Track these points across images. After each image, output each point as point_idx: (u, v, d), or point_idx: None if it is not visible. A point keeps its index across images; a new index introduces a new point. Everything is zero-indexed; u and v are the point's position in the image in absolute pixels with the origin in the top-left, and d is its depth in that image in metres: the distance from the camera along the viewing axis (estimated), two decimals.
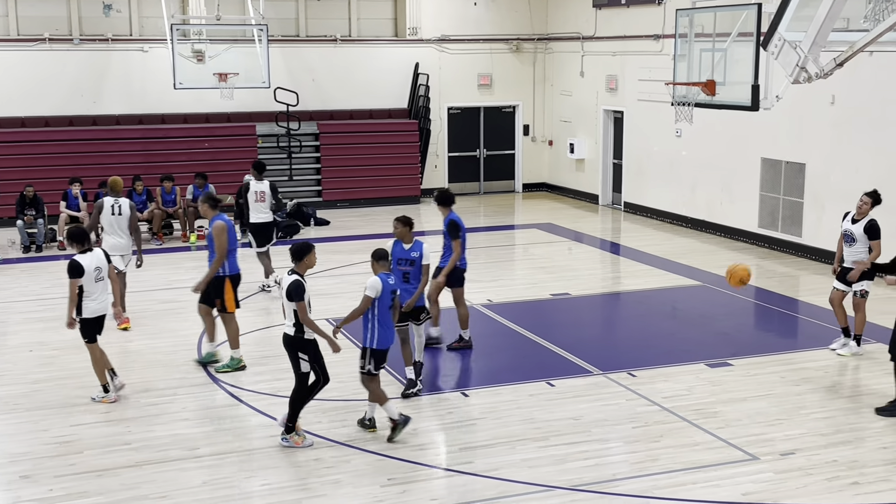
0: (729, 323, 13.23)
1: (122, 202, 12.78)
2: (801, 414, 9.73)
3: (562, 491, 8.11)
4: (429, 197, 23.85)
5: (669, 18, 19.11)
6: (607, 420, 9.65)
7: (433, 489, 8.26)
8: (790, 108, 15.37)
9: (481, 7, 24.10)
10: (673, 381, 10.72)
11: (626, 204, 22.12)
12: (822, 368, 11.09)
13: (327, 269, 16.44)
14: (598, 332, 13.60)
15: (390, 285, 9.08)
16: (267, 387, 10.59)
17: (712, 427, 9.39)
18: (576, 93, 23.68)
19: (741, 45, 11.72)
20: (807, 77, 8.91)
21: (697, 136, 18.98)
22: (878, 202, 11.51)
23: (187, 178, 19.50)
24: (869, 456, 8.72)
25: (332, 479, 8.38)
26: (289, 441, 9.00)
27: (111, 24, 21.75)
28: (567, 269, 16.50)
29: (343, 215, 21.62)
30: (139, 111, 21.80)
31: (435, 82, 23.72)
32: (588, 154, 23.37)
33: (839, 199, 16.05)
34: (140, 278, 15.15)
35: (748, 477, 8.32)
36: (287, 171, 22.28)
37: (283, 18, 22.80)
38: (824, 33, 8.51)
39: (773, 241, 17.59)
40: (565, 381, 10.72)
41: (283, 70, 22.21)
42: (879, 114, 15.13)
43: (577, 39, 23.22)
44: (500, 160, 25.13)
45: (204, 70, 19.93)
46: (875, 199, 11.44)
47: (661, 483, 8.23)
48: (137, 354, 11.81)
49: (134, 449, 9.01)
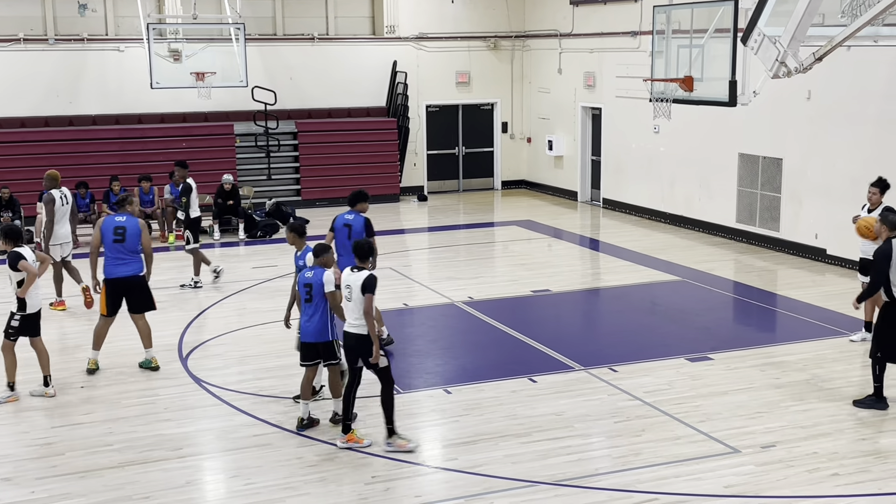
0: (708, 317, 13.32)
1: (65, 192, 13.74)
2: (781, 407, 9.82)
3: (545, 486, 8.15)
4: (408, 195, 23.87)
5: (647, 15, 19.18)
6: (589, 415, 9.70)
7: (417, 486, 8.28)
8: (767, 103, 15.48)
9: (459, 5, 24.12)
10: (654, 375, 10.78)
11: (604, 200, 22.20)
12: (801, 361, 11.18)
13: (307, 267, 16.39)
14: (579, 328, 13.66)
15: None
16: (250, 386, 10.57)
17: (693, 421, 9.46)
18: (554, 90, 23.74)
19: (718, 42, 11.82)
20: (786, 71, 9.00)
21: (675, 132, 19.08)
22: (887, 187, 11.46)
23: (165, 178, 19.40)
24: (848, 448, 8.81)
25: (317, 477, 8.38)
26: (393, 445, 8.84)
27: (86, 23, 21.61)
28: (547, 266, 16.55)
29: (322, 214, 21.53)
30: (116, 111, 21.67)
31: (413, 80, 23.72)
32: (566, 151, 23.44)
33: (816, 194, 16.21)
34: None
35: (730, 470, 8.38)
36: (265, 170, 22.22)
37: (260, 17, 22.73)
38: (803, 28, 8.60)
39: (751, 235, 17.72)
40: (547, 378, 10.77)
41: (260, 69, 22.15)
42: (855, 109, 15.26)
43: (555, 37, 23.29)
44: (478, 158, 25.17)
45: (181, 69, 19.86)
46: (882, 186, 11.44)
47: (643, 477, 8.28)
48: (119, 355, 11.74)
49: (116, 450, 8.97)
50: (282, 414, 9.75)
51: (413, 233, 20.23)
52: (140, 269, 11.13)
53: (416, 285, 14.91)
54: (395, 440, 8.87)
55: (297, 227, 10.05)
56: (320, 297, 9.05)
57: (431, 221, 21.16)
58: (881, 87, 14.78)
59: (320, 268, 9.15)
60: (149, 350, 11.24)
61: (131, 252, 11.01)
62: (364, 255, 8.92)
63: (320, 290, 9.03)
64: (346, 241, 11.15)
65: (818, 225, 16.19)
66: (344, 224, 11.34)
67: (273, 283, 15.27)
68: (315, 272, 9.12)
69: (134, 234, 10.98)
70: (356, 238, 10.83)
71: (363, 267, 8.89)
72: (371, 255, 9.09)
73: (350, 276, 8.84)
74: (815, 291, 14.32)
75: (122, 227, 10.99)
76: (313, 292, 9.05)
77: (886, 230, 9.53)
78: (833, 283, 14.87)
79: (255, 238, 18.97)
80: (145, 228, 11.14)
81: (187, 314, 13.48)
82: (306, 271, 9.23)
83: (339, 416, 9.29)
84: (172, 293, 14.70)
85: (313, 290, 9.05)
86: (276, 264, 16.59)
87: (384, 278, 14.04)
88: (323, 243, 9.39)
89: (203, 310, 13.84)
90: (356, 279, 8.78)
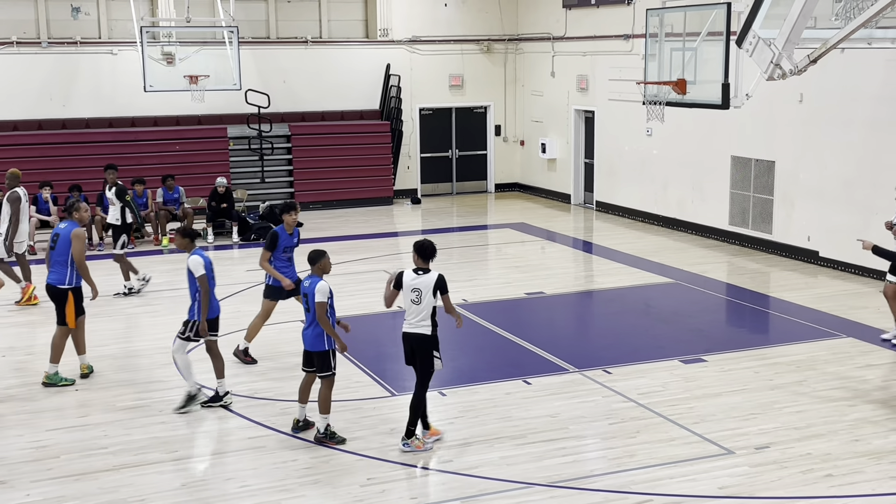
0: (702, 319, 13.35)
1: (25, 191, 14.44)
2: (775, 408, 9.85)
3: (540, 488, 8.17)
4: (402, 198, 23.89)
5: (639, 18, 19.27)
6: (584, 417, 9.72)
7: (413, 488, 8.29)
8: (760, 106, 15.54)
9: (452, 8, 24.16)
10: (648, 377, 10.81)
11: (598, 203, 22.25)
12: (795, 363, 11.22)
13: (301, 270, 16.38)
14: (573, 330, 13.68)
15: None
16: (245, 388, 10.57)
17: (687, 422, 9.49)
18: (547, 93, 23.79)
19: (711, 45, 11.84)
20: (781, 74, 9.04)
21: (668, 135, 19.13)
22: None
23: (158, 181, 19.41)
24: (842, 449, 8.84)
25: (312, 479, 8.38)
26: (410, 446, 8.89)
27: (80, 26, 21.59)
28: (541, 268, 16.58)
29: (316, 217, 21.58)
30: (109, 114, 21.66)
31: (406, 83, 23.74)
32: (560, 154, 23.48)
33: (808, 197, 16.26)
34: (113, 281, 15.08)
35: (724, 471, 8.41)
36: (259, 173, 22.21)
37: (253, 20, 22.74)
38: (798, 31, 8.64)
39: (744, 238, 17.78)
40: (542, 380, 10.79)
41: (253, 72, 22.14)
42: (847, 112, 15.33)
43: (548, 40, 23.34)
44: (472, 160, 25.19)
45: (174, 72, 19.86)
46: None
47: (638, 478, 8.30)
48: (112, 358, 11.74)
49: (111, 453, 8.96)
50: (276, 416, 9.75)
51: (406, 235, 20.23)
52: (59, 279, 10.65)
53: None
54: (413, 441, 8.91)
55: (183, 231, 10.22)
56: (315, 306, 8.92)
57: (425, 224, 21.17)
58: (873, 90, 14.84)
59: (317, 276, 9.03)
60: (52, 365, 10.74)
61: (58, 260, 10.67)
62: (428, 255, 8.89)
63: (313, 300, 8.90)
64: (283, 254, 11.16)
65: (810, 227, 16.25)
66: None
67: None
68: (311, 281, 8.98)
69: (64, 242, 10.66)
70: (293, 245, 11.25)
71: (426, 268, 8.87)
72: (434, 255, 8.97)
73: (417, 279, 8.81)
74: (808, 293, 14.37)
75: (58, 234, 10.78)
76: (310, 302, 8.95)
77: None
78: (825, 286, 14.93)
79: (248, 241, 18.96)
80: (77, 238, 10.64)
81: (181, 317, 13.41)
82: (306, 279, 9.10)
83: (301, 423, 9.27)
84: (167, 296, 14.70)
85: (309, 300, 8.94)
86: None
87: (378, 281, 14.09)
88: (318, 249, 9.30)
89: None
90: (426, 281, 8.77)
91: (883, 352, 11.58)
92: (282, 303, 11.52)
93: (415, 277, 8.82)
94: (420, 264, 8.88)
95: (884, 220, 12.68)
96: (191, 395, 9.97)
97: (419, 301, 8.77)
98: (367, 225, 20.82)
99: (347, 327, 9.34)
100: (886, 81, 14.61)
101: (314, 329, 8.97)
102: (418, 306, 8.78)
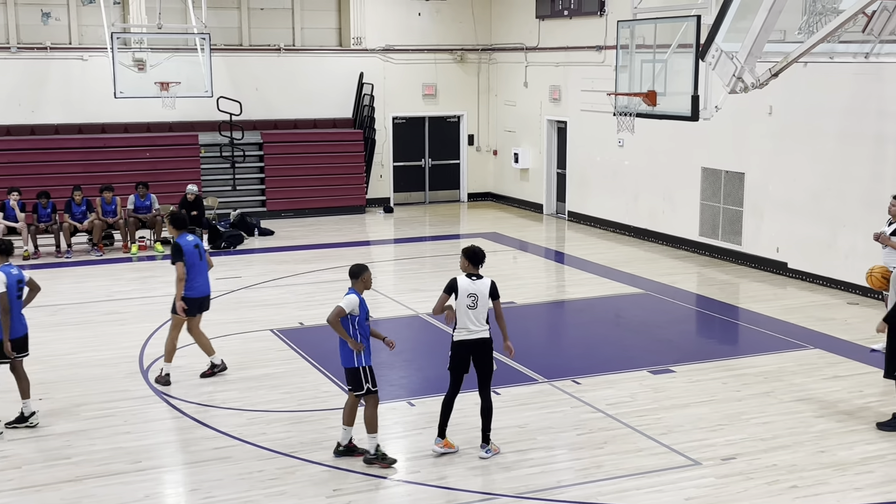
0: (671, 330, 13.40)
1: None
2: (742, 419, 9.89)
3: (508, 499, 8.15)
4: (374, 207, 23.84)
5: (612, 30, 19.34)
6: (552, 427, 9.72)
7: (380, 500, 8.24)
8: (729, 118, 15.65)
9: (426, 17, 24.18)
10: (616, 388, 10.82)
11: (569, 213, 22.31)
12: (762, 374, 11.27)
13: (272, 279, 16.33)
14: (543, 340, 13.68)
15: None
16: (211, 398, 10.49)
17: (655, 433, 9.50)
18: (520, 103, 23.84)
19: (681, 57, 11.90)
20: (743, 87, 9.10)
21: (639, 146, 19.22)
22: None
23: (128, 188, 19.26)
24: (807, 460, 8.88)
25: (277, 490, 8.31)
26: (491, 451, 8.98)
27: (50, 32, 21.42)
28: (512, 278, 16.58)
29: (287, 225, 21.51)
30: (79, 120, 21.47)
31: (379, 92, 23.72)
32: (532, 164, 23.54)
33: (777, 209, 16.38)
34: (82, 289, 14.96)
35: (691, 482, 8.43)
36: (230, 180, 22.10)
37: (225, 27, 22.65)
38: (760, 44, 8.70)
39: (714, 249, 17.87)
40: (511, 390, 10.77)
41: (226, 79, 22.05)
42: (816, 124, 15.46)
43: (521, 50, 23.40)
44: (445, 170, 25.20)
45: (145, 79, 19.69)
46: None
47: (605, 489, 8.30)
48: (77, 366, 11.62)
49: (74, 463, 8.86)
50: (243, 427, 9.68)
51: (379, 244, 20.21)
52: None
53: (380, 297, 14.86)
54: (492, 445, 9.02)
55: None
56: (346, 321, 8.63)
57: (397, 233, 21.14)
58: (841, 104, 14.98)
59: (355, 291, 8.69)
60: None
61: None
62: (479, 260, 8.93)
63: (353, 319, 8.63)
64: (197, 262, 10.87)
65: (779, 239, 16.36)
66: (195, 246, 10.96)
67: (237, 295, 15.17)
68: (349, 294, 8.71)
69: None
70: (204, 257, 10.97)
71: (478, 274, 8.90)
72: (484, 260, 9.01)
73: (472, 284, 8.81)
74: (777, 305, 14.46)
75: None
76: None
77: None
78: (794, 297, 15.03)
79: (219, 249, 18.85)
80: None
81: (149, 326, 13.35)
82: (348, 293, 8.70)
83: (342, 448, 8.90)
84: (136, 304, 14.57)
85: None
86: (240, 276, 16.49)
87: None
88: (360, 263, 8.91)
89: (165, 321, 13.69)
90: (482, 286, 8.81)
91: (850, 363, 11.66)
92: (248, 313, 11.44)
93: (470, 283, 8.82)
94: (472, 270, 8.92)
95: (865, 229, 12.61)
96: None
97: (475, 306, 8.80)
98: (339, 233, 20.76)
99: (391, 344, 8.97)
100: (854, 95, 14.76)
101: (344, 345, 8.67)
102: (475, 311, 8.79)
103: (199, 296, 11.02)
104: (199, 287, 10.96)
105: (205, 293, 11.09)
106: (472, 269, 8.92)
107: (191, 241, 10.92)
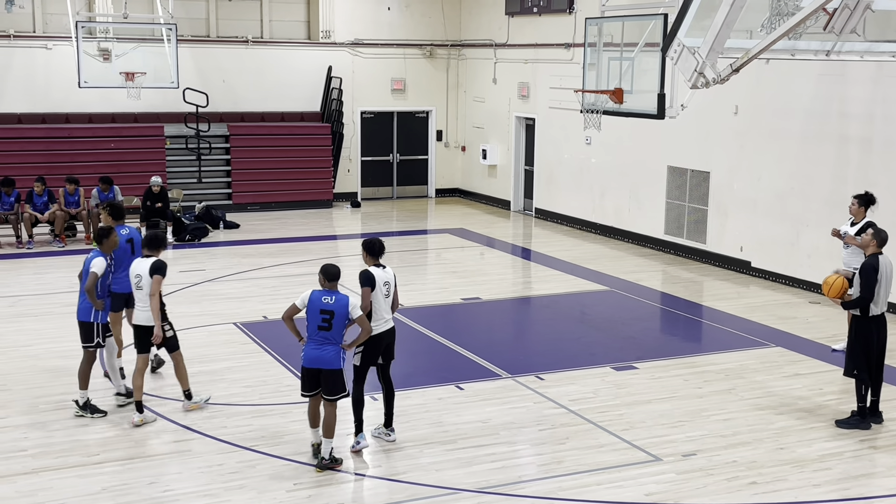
0: (635, 327, 13.45)
1: None
2: (703, 416, 9.95)
3: (468, 493, 8.14)
4: (342, 201, 23.75)
5: (580, 27, 19.38)
6: (515, 423, 9.72)
7: (340, 494, 8.20)
8: (695, 117, 15.74)
9: (395, 12, 24.11)
10: (579, 384, 10.85)
11: (537, 210, 22.34)
12: (724, 371, 11.35)
13: (237, 272, 16.22)
14: (508, 335, 13.69)
15: None
16: (171, 391, 10.38)
17: (617, 429, 9.53)
18: (489, 99, 23.84)
19: (648, 55, 11.95)
20: (704, 82, 9.11)
21: (607, 144, 19.29)
22: (870, 202, 11.50)
23: (92, 179, 19.04)
24: (767, 456, 8.95)
25: (237, 483, 8.25)
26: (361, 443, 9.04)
27: (13, 20, 21.11)
28: (478, 274, 16.59)
29: (253, 219, 21.38)
30: (42, 110, 21.20)
31: (348, 86, 23.64)
32: (500, 160, 23.55)
33: (742, 208, 16.50)
34: (42, 280, 14.77)
35: (651, 478, 8.46)
36: (196, 173, 21.91)
37: (192, 18, 22.45)
38: (721, 39, 8.72)
39: (679, 247, 17.97)
40: (474, 385, 10.77)
41: (192, 70, 21.87)
42: (780, 124, 15.58)
43: (490, 46, 23.40)
44: (413, 165, 25.15)
45: (110, 69, 19.49)
46: (862, 201, 11.49)
47: (566, 485, 8.31)
48: (37, 358, 11.47)
49: (31, 455, 8.74)
50: (203, 420, 9.60)
51: (345, 239, 20.12)
52: None
53: (346, 292, 14.75)
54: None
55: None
56: (341, 325, 8.37)
57: (364, 228, 21.07)
58: (805, 104, 15.11)
59: (338, 292, 8.42)
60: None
61: None
62: (380, 252, 8.96)
63: (343, 319, 8.36)
64: (127, 256, 10.30)
65: (743, 238, 16.48)
66: (127, 241, 10.46)
67: (200, 288, 15.04)
68: (337, 298, 8.37)
69: None
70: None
71: (382, 264, 8.99)
72: (383, 251, 9.07)
73: (385, 273, 8.91)
74: (739, 303, 14.57)
75: None
76: (334, 320, 8.32)
77: (875, 246, 9.47)
78: (756, 296, 15.15)
79: (183, 242, 18.69)
80: None
81: None
82: (323, 295, 8.37)
83: (325, 461, 8.53)
84: None
85: (334, 319, 8.31)
86: (205, 268, 16.36)
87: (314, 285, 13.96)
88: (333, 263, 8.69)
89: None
90: (390, 275, 8.97)
91: (810, 361, 11.77)
92: (211, 306, 11.34)
93: (382, 272, 8.89)
94: (375, 262, 8.94)
95: (828, 228, 12.67)
96: None
97: (389, 294, 8.91)
98: (305, 227, 20.65)
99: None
100: (817, 95, 14.88)
101: (335, 346, 8.44)
102: (388, 299, 8.91)
103: (125, 291, 10.05)
104: (125, 282, 9.96)
105: (129, 290, 9.85)
106: (375, 262, 8.95)
107: (125, 235, 10.31)
